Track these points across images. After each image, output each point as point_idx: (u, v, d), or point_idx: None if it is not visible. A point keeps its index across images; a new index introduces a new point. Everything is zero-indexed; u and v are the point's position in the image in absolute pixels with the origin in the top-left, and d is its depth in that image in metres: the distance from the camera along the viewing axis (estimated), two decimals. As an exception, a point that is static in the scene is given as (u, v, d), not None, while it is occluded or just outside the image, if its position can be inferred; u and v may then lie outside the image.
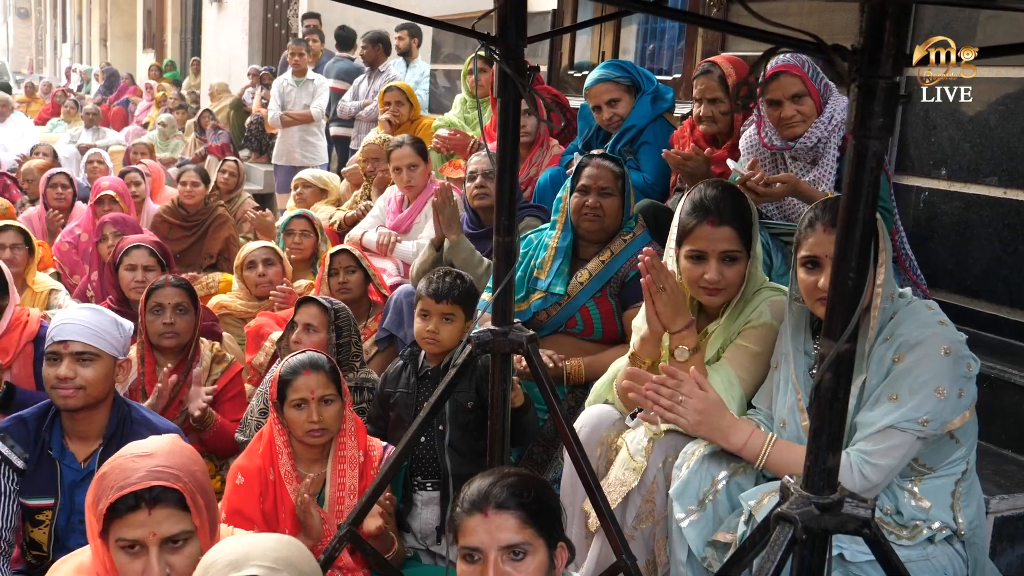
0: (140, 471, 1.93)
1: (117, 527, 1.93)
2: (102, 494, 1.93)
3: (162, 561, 1.90)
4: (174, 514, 1.93)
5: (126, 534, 1.91)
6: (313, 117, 8.45)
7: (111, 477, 1.94)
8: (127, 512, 1.92)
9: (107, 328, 2.83)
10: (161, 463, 1.95)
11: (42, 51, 34.51)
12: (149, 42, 19.09)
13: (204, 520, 1.96)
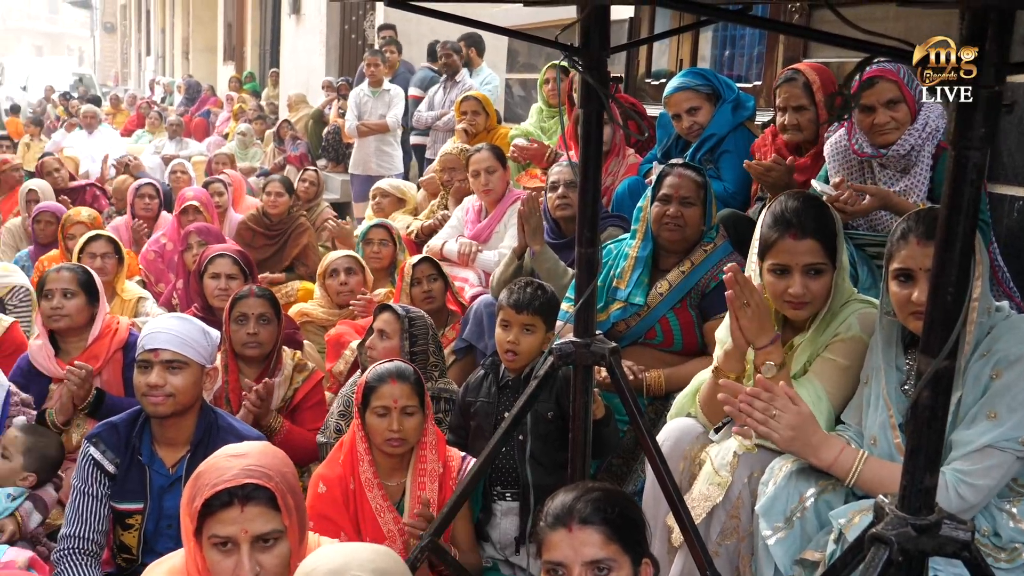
0: (234, 469, 1.98)
1: (211, 524, 1.97)
2: (197, 492, 1.97)
3: (253, 559, 1.94)
4: (265, 513, 1.97)
5: (219, 531, 1.96)
6: (389, 127, 8.53)
7: (206, 476, 1.99)
8: (220, 509, 1.96)
9: (195, 337, 2.89)
10: (254, 463, 2.00)
11: (127, 64, 35.54)
12: (229, 54, 19.51)
13: (294, 522, 1.99)
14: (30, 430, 3.28)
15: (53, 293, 3.69)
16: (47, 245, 5.86)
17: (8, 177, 7.96)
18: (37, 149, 11.71)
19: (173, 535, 2.83)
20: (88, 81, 26.35)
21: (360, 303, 4.37)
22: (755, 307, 2.45)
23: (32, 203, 6.70)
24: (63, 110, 16.41)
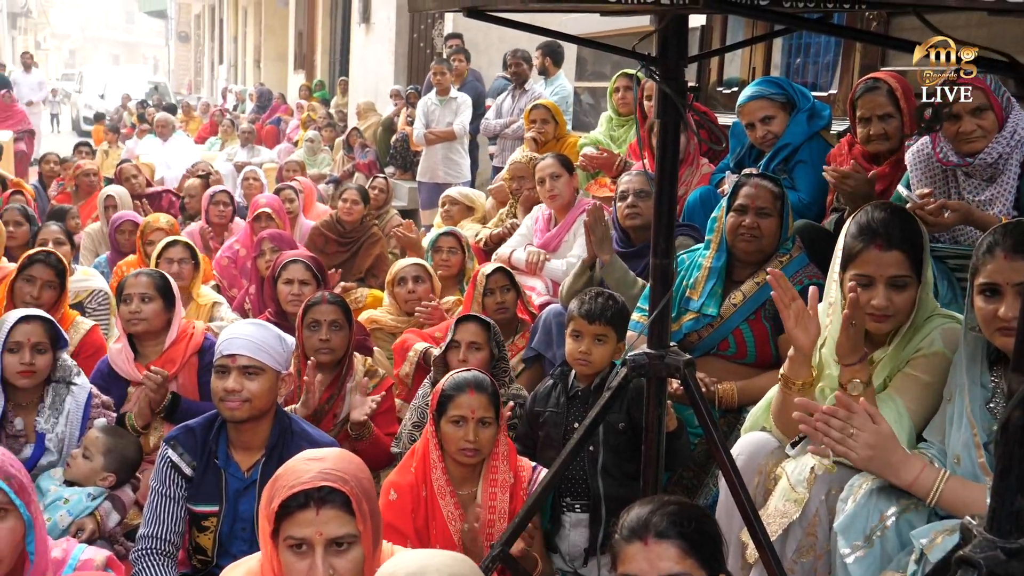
0: (311, 472, 2.00)
1: (287, 526, 1.99)
2: (275, 494, 2.00)
3: (327, 562, 1.95)
4: (341, 516, 1.99)
5: (295, 532, 1.98)
6: (456, 135, 8.58)
7: (284, 478, 2.02)
8: (297, 511, 1.98)
9: (271, 343, 2.93)
10: (331, 467, 2.02)
11: (200, 72, 36.31)
12: (300, 63, 19.82)
13: (368, 527, 2.01)
14: (110, 431, 3.35)
15: (132, 298, 3.78)
16: (128, 252, 5.99)
17: (86, 183, 8.19)
18: (114, 156, 12.04)
19: (247, 538, 2.88)
20: (163, 89, 27.00)
21: (425, 310, 4.39)
22: (851, 324, 2.40)
23: (111, 208, 6.87)
24: (138, 118, 16.81)
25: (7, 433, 3.29)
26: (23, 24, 49.85)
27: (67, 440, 3.35)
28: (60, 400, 3.38)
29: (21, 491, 2.03)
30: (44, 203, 8.26)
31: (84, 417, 3.40)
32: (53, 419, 3.35)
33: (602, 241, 3.85)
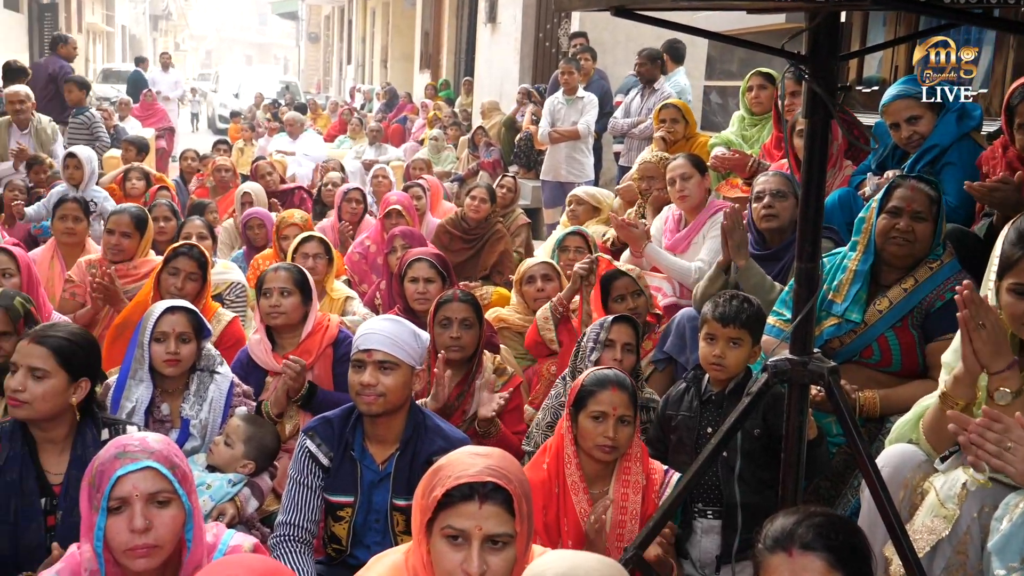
0: (478, 466, 2.00)
1: (447, 516, 1.99)
2: (436, 483, 2.00)
3: (482, 557, 1.95)
4: (501, 514, 1.98)
5: (455, 523, 1.97)
6: (580, 134, 8.56)
7: (448, 469, 2.01)
8: (460, 502, 1.98)
9: (406, 339, 2.97)
10: (497, 464, 2.02)
11: (329, 72, 37.27)
12: (426, 62, 20.12)
13: (524, 529, 2.00)
14: (250, 420, 3.46)
15: (272, 292, 3.90)
16: (259, 248, 6.19)
17: (223, 179, 8.50)
18: (249, 153, 12.45)
19: (380, 529, 2.94)
20: (294, 88, 27.79)
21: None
22: (990, 329, 2.30)
23: (247, 204, 7.11)
24: (272, 116, 17.35)
25: (154, 418, 3.44)
26: (164, 26, 52.17)
27: (210, 427, 3.48)
28: (204, 388, 3.51)
29: (184, 481, 2.10)
30: (184, 198, 8.61)
31: (226, 405, 3.52)
32: (197, 406, 3.48)
33: (739, 246, 3.78)
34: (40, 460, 2.80)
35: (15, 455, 2.75)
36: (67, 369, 2.78)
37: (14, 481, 2.73)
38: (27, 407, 2.72)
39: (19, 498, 2.72)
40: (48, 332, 2.83)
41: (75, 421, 2.84)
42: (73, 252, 5.30)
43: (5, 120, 8.67)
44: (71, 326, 2.97)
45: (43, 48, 22.89)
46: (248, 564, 1.76)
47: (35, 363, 2.74)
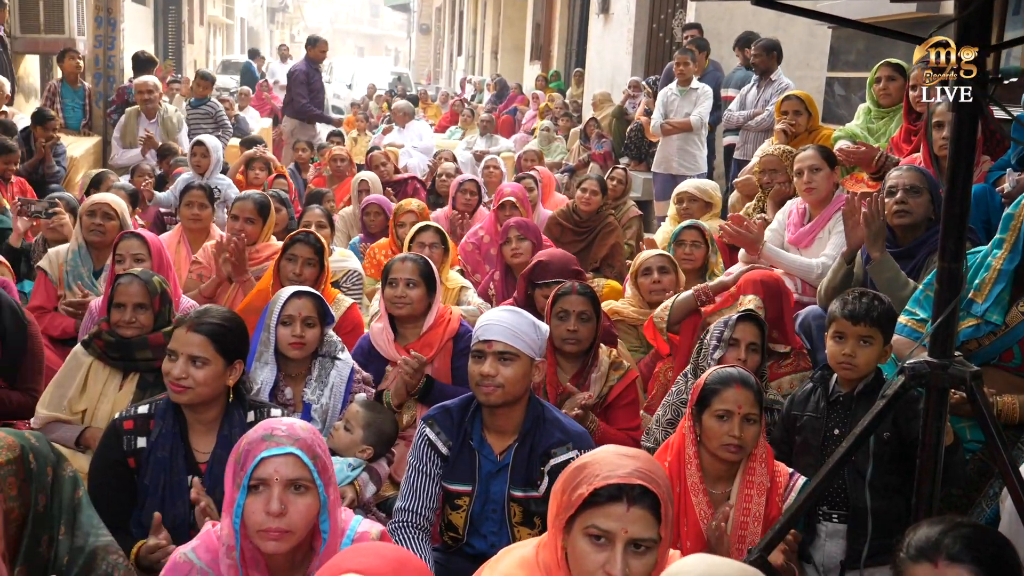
0: (627, 467, 1.96)
1: (591, 515, 1.95)
2: (582, 481, 1.97)
3: (625, 560, 1.92)
4: (647, 518, 1.94)
5: (600, 523, 1.94)
6: (693, 126, 8.43)
7: (594, 467, 1.98)
8: (607, 502, 1.94)
9: (526, 330, 2.96)
10: (645, 466, 1.98)
11: (439, 63, 37.65)
12: (536, 54, 20.12)
13: (667, 535, 1.97)
14: (370, 406, 3.51)
15: (398, 282, 3.94)
16: (376, 234, 6.29)
17: (339, 168, 8.67)
18: (363, 143, 12.68)
19: (497, 519, 2.94)
20: (406, 80, 28.15)
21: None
22: None
23: (363, 193, 7.23)
24: (387, 105, 17.61)
25: (277, 401, 3.52)
26: (280, 18, 53.51)
27: (330, 412, 3.54)
28: (326, 373, 3.58)
29: (323, 472, 2.14)
30: (300, 187, 8.80)
31: (347, 391, 3.59)
32: (319, 391, 3.55)
33: (876, 236, 3.64)
34: (189, 439, 2.91)
35: (167, 433, 2.87)
36: (223, 354, 2.89)
37: (164, 458, 2.85)
38: (190, 392, 2.84)
39: (168, 475, 2.84)
40: (203, 319, 2.92)
41: (226, 403, 2.95)
42: (198, 237, 5.46)
43: (134, 109, 9.02)
44: (223, 310, 3.06)
45: (167, 40, 23.78)
46: (381, 552, 1.77)
47: (194, 351, 2.85)
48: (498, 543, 2.87)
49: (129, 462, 2.88)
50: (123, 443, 2.89)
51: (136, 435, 2.90)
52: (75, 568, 2.15)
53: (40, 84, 12.59)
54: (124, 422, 2.91)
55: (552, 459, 2.87)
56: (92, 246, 4.79)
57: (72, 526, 2.19)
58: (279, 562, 2.15)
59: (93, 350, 3.56)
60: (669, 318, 4.20)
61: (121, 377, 3.56)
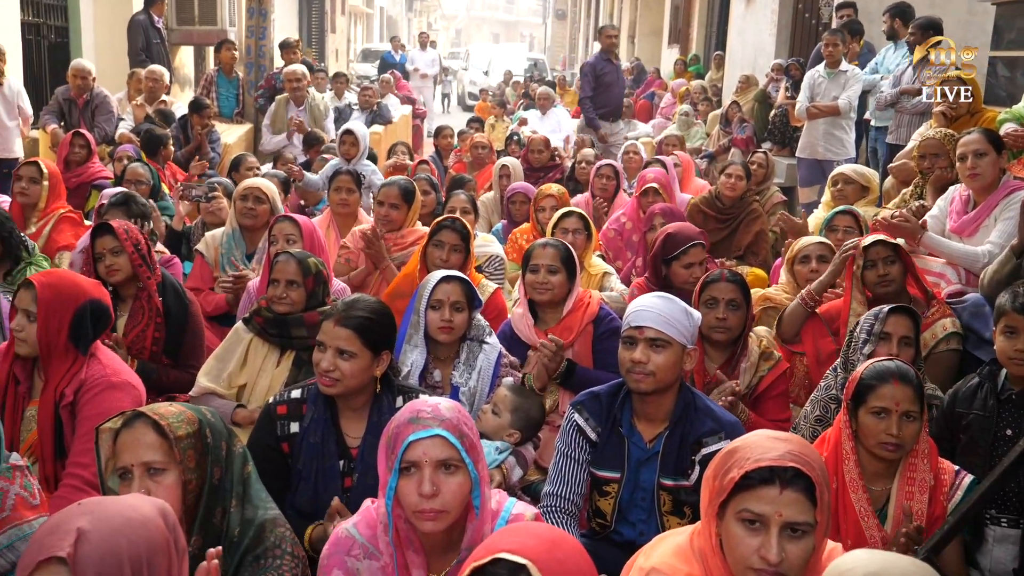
0: (779, 450, 1.92)
1: (743, 499, 1.92)
2: (733, 465, 1.94)
3: (780, 544, 1.88)
4: (802, 502, 1.90)
5: (753, 507, 1.91)
6: (840, 110, 8.14)
7: (746, 451, 1.95)
8: (760, 486, 1.91)
9: (678, 317, 2.91)
10: (798, 449, 1.94)
11: (574, 49, 37.52)
12: (675, 37, 19.82)
13: (823, 519, 1.92)
14: (517, 390, 3.52)
15: (539, 268, 3.94)
16: (520, 222, 6.31)
17: (479, 156, 8.75)
18: (500, 129, 12.74)
19: (646, 507, 2.91)
20: (541, 65, 28.22)
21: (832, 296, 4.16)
22: None
23: (504, 179, 7.29)
24: (523, 92, 17.69)
25: (426, 383, 3.58)
26: (418, 7, 54.38)
27: (478, 395, 3.58)
28: (473, 357, 3.61)
29: (471, 449, 2.15)
30: (441, 173, 8.93)
31: (494, 375, 3.61)
32: (467, 374, 3.59)
33: None
34: (340, 424, 2.98)
35: (319, 419, 2.93)
36: (370, 347, 2.92)
37: (317, 444, 2.91)
38: (339, 384, 2.90)
39: (321, 459, 2.91)
40: (351, 313, 2.95)
41: (375, 390, 2.99)
42: (347, 222, 5.60)
43: (283, 97, 9.34)
44: (370, 301, 3.09)
45: (311, 29, 24.46)
46: (536, 532, 1.77)
47: (342, 345, 2.89)
48: (647, 531, 2.85)
49: (283, 447, 2.96)
50: (277, 428, 2.96)
51: (289, 420, 2.97)
52: (245, 539, 2.24)
53: (194, 74, 13.16)
54: (278, 407, 2.99)
55: (704, 448, 2.83)
56: (244, 229, 4.99)
57: (243, 499, 2.28)
58: (434, 540, 2.18)
59: (253, 327, 3.70)
60: (782, 333, 4.07)
61: (279, 354, 3.69)
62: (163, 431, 2.16)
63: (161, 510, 1.69)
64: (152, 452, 2.15)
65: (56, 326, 3.03)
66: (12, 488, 2.25)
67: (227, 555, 2.22)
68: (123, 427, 2.20)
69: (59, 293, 3.04)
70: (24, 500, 2.26)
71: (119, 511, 1.62)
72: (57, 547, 1.53)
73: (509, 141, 9.87)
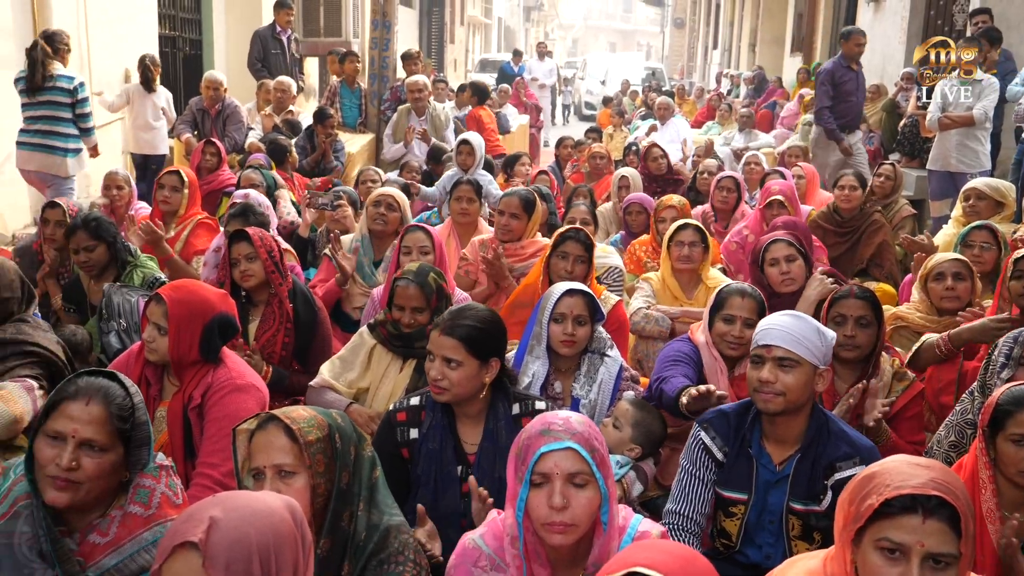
0: (921, 477, 1.86)
1: (883, 527, 1.86)
2: (872, 491, 1.88)
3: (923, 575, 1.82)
4: (946, 532, 1.83)
5: (893, 535, 1.84)
6: (976, 120, 7.80)
7: (885, 476, 1.88)
8: (900, 514, 1.84)
9: (808, 335, 2.83)
10: (941, 477, 1.87)
11: (693, 58, 37.13)
12: (797, 45, 19.38)
13: (968, 550, 1.84)
14: (639, 405, 3.50)
15: (735, 319, 3.73)
16: (637, 233, 6.28)
17: (597, 166, 8.73)
18: (619, 139, 12.70)
19: (774, 530, 2.84)
20: (659, 75, 28.00)
21: (968, 315, 3.99)
22: None
23: (623, 189, 7.25)
24: (641, 101, 17.60)
25: (547, 395, 3.58)
26: (536, 16, 54.70)
27: (598, 407, 3.57)
28: (595, 370, 3.60)
29: (602, 464, 2.15)
30: (560, 183, 8.95)
31: (614, 388, 3.60)
32: (588, 386, 3.58)
33: None
34: (458, 430, 3.01)
35: (437, 425, 2.98)
36: (477, 355, 2.95)
37: (435, 450, 2.96)
38: (447, 392, 2.94)
39: (439, 465, 2.95)
40: (457, 322, 2.98)
41: (488, 396, 3.02)
42: (467, 232, 5.66)
43: (405, 107, 9.51)
44: (478, 310, 3.12)
45: (431, 40, 24.88)
46: (668, 549, 1.75)
47: (448, 354, 2.93)
48: (774, 555, 2.79)
49: (403, 453, 3.01)
50: (397, 435, 3.02)
51: (409, 426, 3.02)
52: (371, 544, 2.28)
53: (319, 85, 13.54)
54: (398, 414, 3.04)
55: (837, 473, 2.75)
56: (374, 236, 5.09)
57: (369, 504, 2.33)
58: (561, 554, 2.17)
59: (377, 335, 3.78)
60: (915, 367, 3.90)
61: (401, 361, 3.76)
62: (294, 435, 2.22)
63: (289, 505, 1.74)
64: (283, 455, 2.21)
65: (187, 341, 3.14)
66: (158, 487, 2.35)
67: (352, 558, 2.26)
68: (257, 429, 2.27)
69: (190, 310, 3.15)
70: (168, 499, 2.35)
71: (248, 503, 1.68)
72: (191, 533, 1.60)
73: (627, 151, 9.82)
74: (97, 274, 4.54)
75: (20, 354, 3.32)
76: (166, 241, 5.22)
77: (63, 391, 2.30)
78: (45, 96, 6.76)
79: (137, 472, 2.34)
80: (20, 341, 3.33)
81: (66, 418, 2.24)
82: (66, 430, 2.23)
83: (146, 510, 2.31)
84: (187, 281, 3.47)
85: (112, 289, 4.35)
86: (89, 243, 4.45)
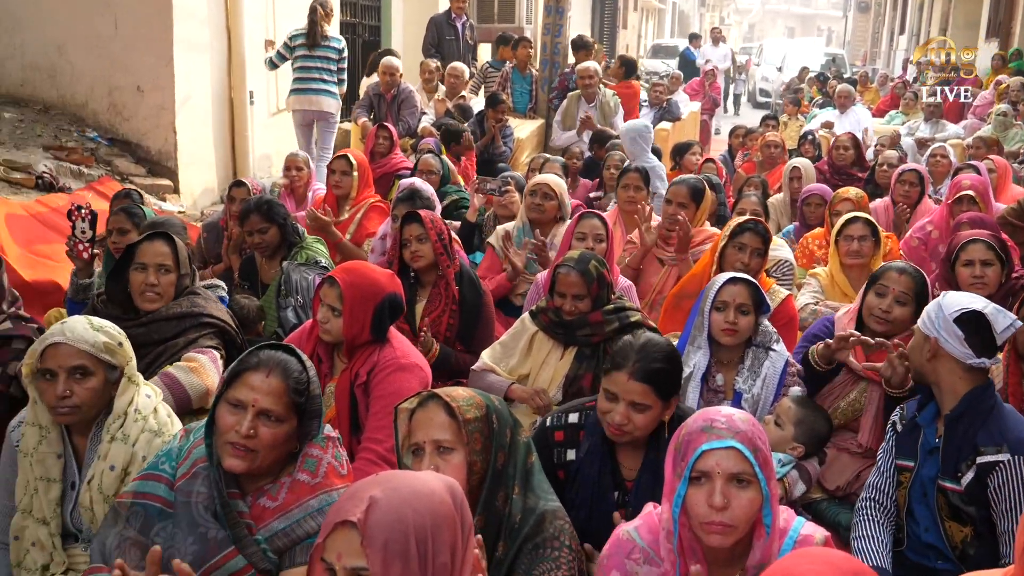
0: None
1: None
2: None
3: None
4: None
5: None
6: None
7: None
8: None
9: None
10: None
11: (877, 43, 35.47)
12: (993, 30, 18.21)
13: None
14: (803, 403, 3.39)
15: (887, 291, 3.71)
16: (813, 225, 6.07)
17: (770, 155, 8.47)
18: (794, 127, 12.30)
19: (930, 506, 2.87)
20: (840, 61, 26.90)
21: None
22: None
23: (795, 180, 7.03)
24: (816, 90, 16.97)
25: (708, 387, 3.51)
26: (711, 1, 53.57)
27: (761, 402, 3.46)
28: (759, 363, 3.50)
29: (765, 465, 2.07)
30: (730, 172, 8.75)
31: (779, 383, 3.48)
32: (751, 380, 3.48)
33: None
34: (617, 455, 2.84)
35: (595, 450, 2.82)
36: (663, 397, 2.74)
37: (592, 474, 2.81)
38: (629, 435, 2.73)
39: (595, 490, 2.80)
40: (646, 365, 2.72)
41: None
42: (633, 219, 5.60)
43: (575, 94, 9.49)
44: (660, 346, 2.81)
45: (603, 24, 24.76)
46: (833, 561, 1.66)
47: (637, 399, 2.72)
48: (931, 529, 2.86)
49: (559, 474, 2.85)
50: (554, 456, 2.87)
51: (566, 447, 2.88)
52: (526, 527, 2.30)
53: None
54: (555, 432, 2.90)
55: (979, 457, 2.71)
56: (533, 223, 5.12)
57: (525, 487, 2.34)
58: (718, 553, 2.12)
59: (539, 322, 3.80)
60: None
61: (562, 348, 3.77)
62: (453, 412, 2.27)
63: (450, 487, 1.75)
64: (442, 431, 2.26)
65: (360, 322, 3.26)
66: (325, 457, 2.44)
67: (508, 540, 2.29)
68: (418, 407, 2.33)
69: (362, 292, 3.26)
70: (335, 469, 2.43)
71: (409, 484, 1.71)
72: (351, 512, 1.64)
73: (803, 141, 9.49)
74: (270, 254, 4.79)
75: (199, 325, 3.53)
76: (336, 226, 5.42)
77: (245, 362, 2.41)
78: (320, 52, 8.36)
79: (307, 443, 2.44)
80: (197, 313, 3.55)
81: (247, 388, 2.35)
82: (247, 399, 2.34)
83: (313, 478, 2.40)
84: (358, 263, 3.58)
85: (291, 267, 4.58)
86: (262, 225, 4.70)
